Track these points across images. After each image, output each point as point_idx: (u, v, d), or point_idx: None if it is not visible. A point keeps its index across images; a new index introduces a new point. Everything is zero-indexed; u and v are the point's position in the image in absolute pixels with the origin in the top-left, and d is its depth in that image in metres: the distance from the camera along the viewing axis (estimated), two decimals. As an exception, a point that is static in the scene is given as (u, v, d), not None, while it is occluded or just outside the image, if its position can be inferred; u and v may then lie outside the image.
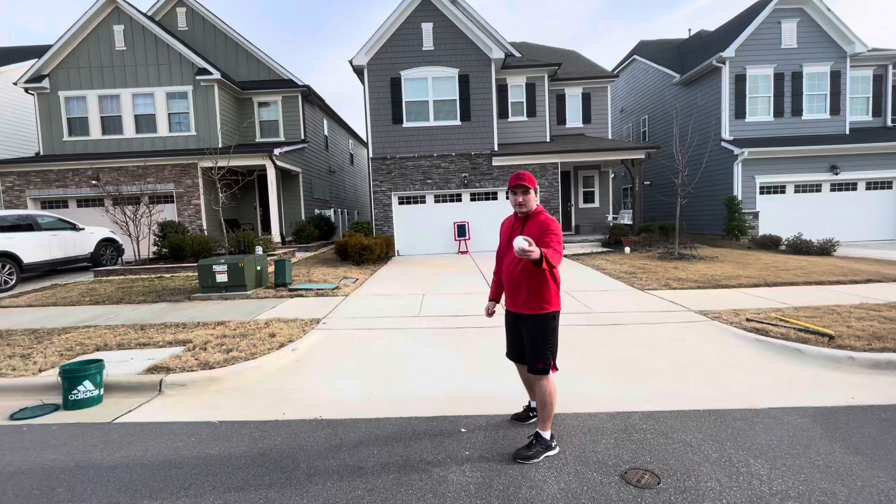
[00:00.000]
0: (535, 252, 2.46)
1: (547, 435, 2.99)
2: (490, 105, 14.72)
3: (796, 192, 15.78)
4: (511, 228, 3.14)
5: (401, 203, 15.34)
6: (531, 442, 3.01)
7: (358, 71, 15.03)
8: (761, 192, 15.63)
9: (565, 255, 13.01)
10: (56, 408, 4.02)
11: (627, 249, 13.43)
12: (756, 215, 15.57)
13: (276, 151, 14.45)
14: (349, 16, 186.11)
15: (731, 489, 2.59)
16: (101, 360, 4.21)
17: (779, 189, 15.75)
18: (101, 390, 4.15)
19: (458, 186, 14.99)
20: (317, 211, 18.31)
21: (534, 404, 3.36)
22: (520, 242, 2.45)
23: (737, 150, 15.14)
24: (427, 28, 14.47)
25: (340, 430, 3.45)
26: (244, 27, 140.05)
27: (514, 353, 3.28)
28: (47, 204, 15.10)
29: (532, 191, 3.00)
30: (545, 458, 2.95)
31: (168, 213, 14.68)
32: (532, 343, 2.99)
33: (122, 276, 11.02)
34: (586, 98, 17.47)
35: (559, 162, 14.90)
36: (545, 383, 2.97)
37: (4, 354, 5.22)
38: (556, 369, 3.04)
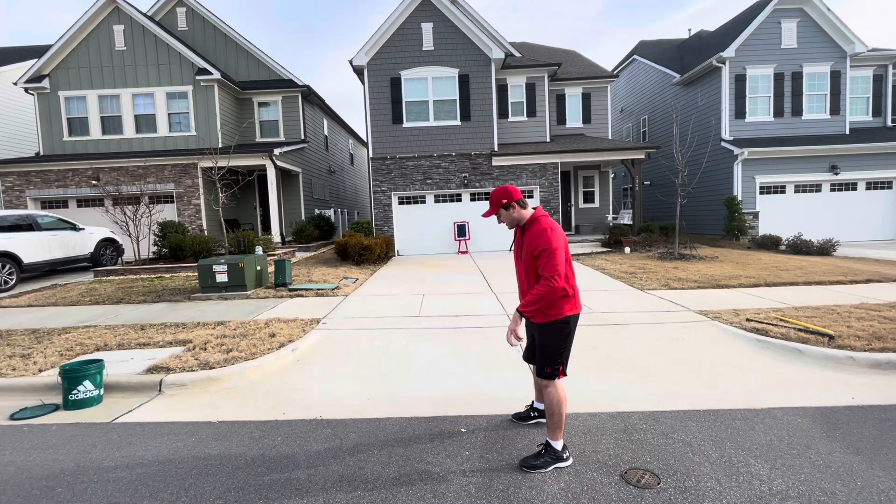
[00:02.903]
0: (516, 325, 2.79)
1: (558, 445, 2.86)
2: (490, 105, 14.72)
3: (796, 192, 15.78)
4: (515, 236, 3.09)
5: (401, 203, 15.34)
6: (540, 451, 2.89)
7: (358, 71, 15.03)
8: (761, 192, 15.64)
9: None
10: (56, 408, 4.02)
11: (627, 249, 13.43)
12: (756, 215, 15.57)
13: (276, 151, 14.45)
14: (350, 16, 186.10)
15: (731, 489, 2.59)
16: (101, 360, 4.21)
17: (779, 189, 15.75)
18: (101, 390, 4.15)
19: (458, 186, 14.99)
20: (317, 211, 18.31)
21: (538, 405, 3.36)
22: (508, 341, 2.85)
23: (737, 150, 15.14)
24: (427, 28, 14.47)
25: (340, 430, 3.45)
26: (245, 27, 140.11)
27: (528, 354, 3.20)
28: (47, 204, 15.10)
29: (504, 207, 2.91)
30: (555, 469, 2.82)
31: (168, 213, 14.69)
32: (541, 347, 2.91)
33: (122, 276, 11.02)
34: (586, 98, 17.47)
35: (559, 162, 14.90)
36: (553, 390, 2.85)
37: (4, 354, 5.22)
38: (565, 374, 2.94)
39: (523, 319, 2.87)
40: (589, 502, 2.51)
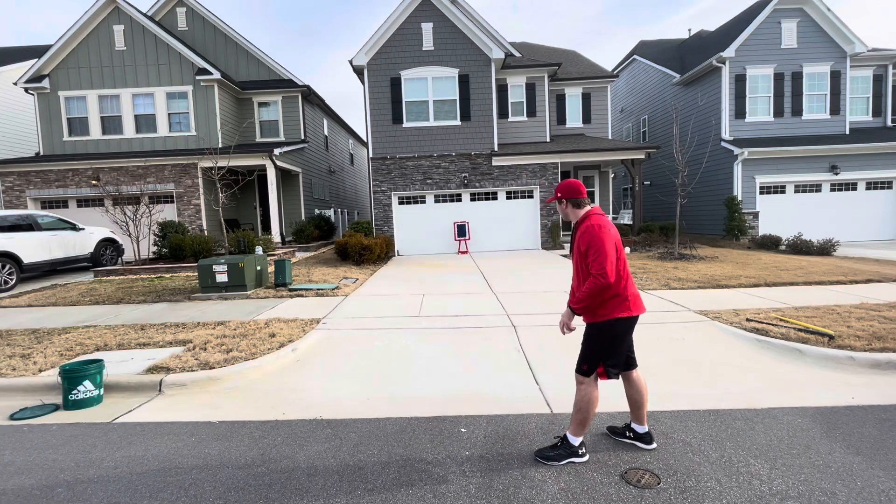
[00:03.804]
0: (569, 319, 2.87)
1: (575, 441, 2.87)
2: (490, 105, 14.72)
3: (796, 192, 15.78)
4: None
5: (401, 203, 15.34)
6: (556, 444, 2.93)
7: (358, 71, 15.03)
8: (761, 192, 15.64)
9: (564, 256, 12.99)
10: (56, 408, 4.02)
11: (627, 249, 13.42)
12: (756, 215, 15.57)
13: (276, 151, 14.45)
14: (350, 16, 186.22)
15: (731, 489, 2.59)
16: (101, 360, 4.21)
17: (779, 189, 15.75)
18: (101, 390, 4.15)
19: (458, 186, 14.99)
20: (317, 211, 18.31)
21: (636, 426, 3.08)
22: (561, 330, 2.93)
23: (737, 150, 15.14)
24: (427, 28, 14.47)
25: (340, 430, 3.45)
26: (245, 27, 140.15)
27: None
28: (47, 204, 15.10)
29: (558, 200, 2.94)
30: (568, 463, 2.85)
31: (168, 213, 14.69)
32: (583, 344, 2.91)
33: (122, 276, 11.02)
34: (586, 98, 17.48)
35: (559, 162, 14.90)
36: (586, 388, 2.84)
37: (4, 354, 5.22)
38: (607, 377, 2.86)
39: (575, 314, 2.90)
40: (589, 502, 2.51)
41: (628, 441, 3.11)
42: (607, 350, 2.84)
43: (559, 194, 2.91)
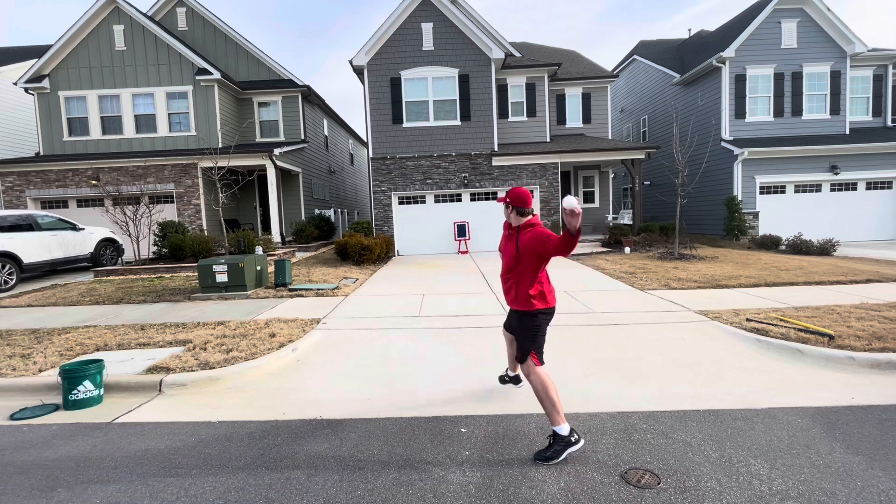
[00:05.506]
0: (577, 214, 2.64)
1: (563, 430, 2.92)
2: (490, 105, 14.72)
3: (796, 191, 15.78)
4: (507, 233, 3.39)
5: (401, 203, 15.34)
6: (549, 443, 2.97)
7: (358, 71, 15.03)
8: (761, 192, 15.64)
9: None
10: (56, 408, 4.02)
11: (627, 249, 13.43)
12: (756, 215, 15.57)
13: (276, 151, 14.45)
14: (351, 17, 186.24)
15: (731, 489, 2.59)
16: (101, 360, 4.21)
17: (779, 189, 15.76)
18: (102, 390, 4.15)
19: (458, 186, 15.00)
20: (317, 211, 18.30)
21: (511, 373, 3.92)
22: (571, 202, 2.58)
23: (737, 150, 15.14)
24: (427, 28, 14.47)
25: (340, 430, 3.45)
26: (245, 28, 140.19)
27: (509, 325, 3.64)
28: (47, 204, 15.10)
29: (505, 204, 3.23)
30: (568, 455, 2.90)
31: (168, 213, 14.69)
32: (517, 334, 3.29)
33: (122, 276, 11.02)
34: (586, 98, 17.48)
35: (559, 162, 14.91)
36: (532, 378, 3.07)
37: (4, 354, 5.22)
38: (541, 363, 3.14)
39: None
40: (589, 502, 2.51)
41: (507, 384, 3.98)
42: (540, 336, 3.19)
43: (509, 200, 3.24)
